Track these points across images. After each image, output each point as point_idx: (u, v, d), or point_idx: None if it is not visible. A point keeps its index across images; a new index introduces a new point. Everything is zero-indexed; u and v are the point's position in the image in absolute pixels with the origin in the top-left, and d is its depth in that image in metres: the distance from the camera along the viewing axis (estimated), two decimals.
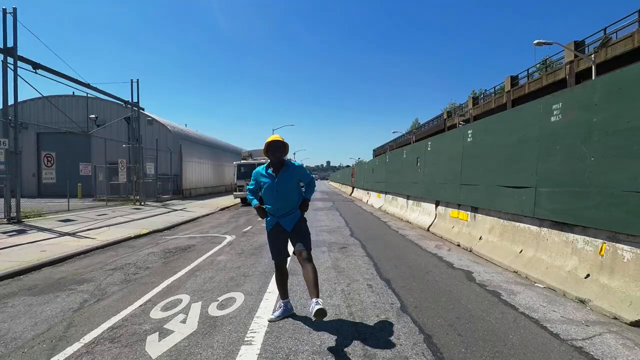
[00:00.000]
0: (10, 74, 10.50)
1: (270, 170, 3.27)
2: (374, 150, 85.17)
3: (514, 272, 4.87)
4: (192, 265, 5.76)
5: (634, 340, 2.82)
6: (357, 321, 3.26)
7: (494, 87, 31.33)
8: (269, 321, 3.25)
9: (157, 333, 3.14)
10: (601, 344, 2.78)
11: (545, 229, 4.65)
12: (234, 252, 6.66)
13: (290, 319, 3.35)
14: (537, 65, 26.10)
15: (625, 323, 3.12)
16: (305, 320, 3.30)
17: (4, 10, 10.27)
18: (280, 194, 3.20)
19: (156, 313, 3.64)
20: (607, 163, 3.64)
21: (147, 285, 4.67)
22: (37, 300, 4.24)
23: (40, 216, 12.01)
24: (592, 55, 16.82)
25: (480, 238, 6.24)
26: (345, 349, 2.73)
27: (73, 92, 22.83)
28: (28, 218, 11.23)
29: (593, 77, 15.91)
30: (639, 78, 3.35)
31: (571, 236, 4.18)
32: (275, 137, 3.24)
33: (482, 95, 34.36)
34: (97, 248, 7.59)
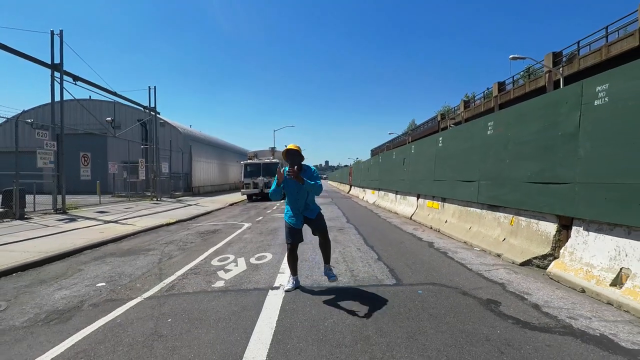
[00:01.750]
0: (56, 85, 12.26)
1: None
2: (371, 150, 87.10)
3: (464, 242, 6.71)
4: (226, 240, 7.58)
5: (515, 270, 4.67)
6: (349, 264, 5.11)
7: (484, 92, 33.35)
8: (285, 291, 3.90)
9: (222, 270, 4.97)
10: (494, 272, 4.62)
11: (485, 210, 6.50)
12: (254, 233, 8.49)
13: (306, 263, 5.16)
14: (521, 73, 28.11)
15: (517, 264, 4.97)
16: (313, 267, 5.12)
17: (52, 32, 12.04)
18: (301, 191, 3.90)
19: (215, 262, 5.47)
20: (514, 164, 5.49)
21: (199, 251, 6.48)
22: (125, 259, 6.05)
23: (77, 208, 13.80)
24: (561, 69, 18.75)
25: (446, 221, 8.09)
26: (341, 274, 4.57)
27: (90, 96, 24.55)
28: (69, 210, 13.01)
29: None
30: (528, 110, 5.21)
31: (497, 214, 6.03)
32: (291, 146, 3.95)
33: (472, 99, 36.35)
34: (141, 231, 9.39)
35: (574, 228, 4.30)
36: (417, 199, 10.69)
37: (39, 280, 4.86)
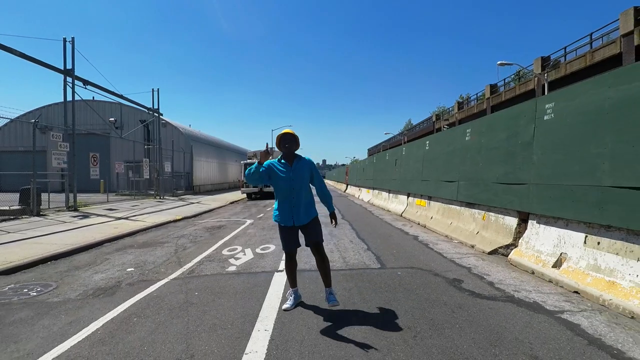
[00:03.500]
0: (69, 90, 12.96)
1: (283, 161, 3.43)
2: (368, 149, 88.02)
3: (445, 236, 7.54)
4: (231, 234, 8.37)
5: (482, 258, 5.49)
6: (342, 253, 5.92)
7: (477, 94, 34.28)
8: (284, 310, 3.40)
9: (233, 258, 5.76)
10: (465, 259, 5.44)
11: (463, 207, 7.33)
12: (257, 228, 9.29)
13: (303, 252, 5.96)
14: (512, 76, 29.07)
15: (485, 253, 5.80)
16: (310, 255, 5.91)
17: (64, 40, 12.74)
18: (296, 183, 3.34)
19: (225, 252, 6.26)
20: (485, 167, 6.32)
21: (209, 244, 7.26)
22: (144, 250, 6.81)
23: (87, 206, 14.52)
24: (546, 75, 19.66)
25: (431, 217, 8.92)
26: (334, 260, 5.38)
27: (93, 97, 25.21)
28: (80, 207, 13.73)
29: (546, 93, 18.71)
30: (497, 121, 6.04)
31: (473, 211, 6.86)
32: (287, 130, 3.46)
33: (466, 101, 37.35)
34: (151, 227, 10.14)
35: (529, 221, 5.14)
36: (407, 197, 11.51)
37: (74, 267, 5.62)
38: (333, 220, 3.59)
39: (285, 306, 3.48)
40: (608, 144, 3.71)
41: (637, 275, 3.34)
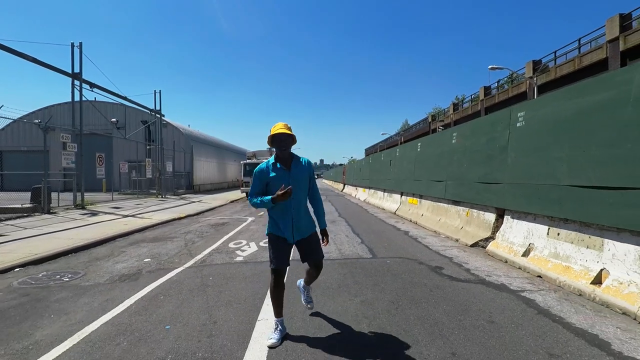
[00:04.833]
0: (76, 92, 13.48)
1: (279, 165, 2.85)
2: (365, 149, 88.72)
3: (434, 231, 8.16)
4: (235, 230, 8.95)
5: (464, 250, 6.11)
6: (338, 246, 6.52)
7: (471, 96, 35.02)
8: (269, 347, 2.70)
9: (239, 250, 6.35)
10: (449, 251, 6.06)
11: (450, 205, 7.95)
12: (260, 224, 9.87)
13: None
14: (505, 79, 29.79)
15: (468, 245, 6.42)
16: None
17: (72, 44, 13.26)
18: (295, 192, 2.79)
19: (232, 245, 6.85)
20: (469, 168, 6.94)
21: (215, 239, 7.83)
22: (156, 244, 7.38)
23: (93, 204, 15.04)
24: (535, 79, 20.38)
25: (422, 215, 9.54)
26: (331, 252, 5.98)
27: (95, 98, 25.66)
28: (87, 206, 14.25)
29: (535, 97, 19.43)
30: (479, 126, 6.66)
31: (458, 208, 7.48)
32: (279, 127, 2.79)
33: (461, 102, 38.13)
34: (158, 224, 10.69)
35: (505, 217, 5.76)
36: (401, 196, 12.13)
37: (94, 258, 6.19)
38: (325, 239, 3.01)
39: (269, 342, 2.74)
40: (565, 149, 4.33)
41: (586, 260, 3.96)
